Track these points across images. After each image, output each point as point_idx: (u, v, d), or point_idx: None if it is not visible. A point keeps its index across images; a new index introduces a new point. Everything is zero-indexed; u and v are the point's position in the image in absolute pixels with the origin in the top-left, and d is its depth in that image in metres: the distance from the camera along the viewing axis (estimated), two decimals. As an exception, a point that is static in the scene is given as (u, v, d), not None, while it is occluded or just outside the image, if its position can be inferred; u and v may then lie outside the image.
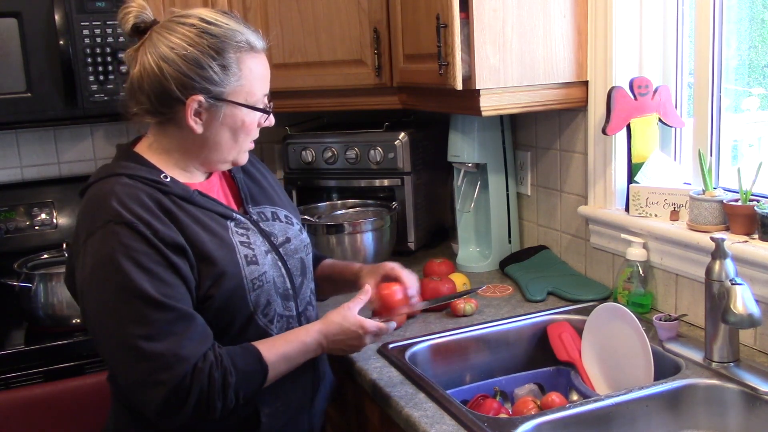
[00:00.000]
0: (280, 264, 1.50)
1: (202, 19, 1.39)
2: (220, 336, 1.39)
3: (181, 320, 1.31)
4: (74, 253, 1.38)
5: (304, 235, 1.63)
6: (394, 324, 1.55)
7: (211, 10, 1.46)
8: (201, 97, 1.38)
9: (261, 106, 1.46)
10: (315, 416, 1.61)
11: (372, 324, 1.49)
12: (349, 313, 1.49)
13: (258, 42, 1.44)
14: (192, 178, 1.48)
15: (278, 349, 1.41)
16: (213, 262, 1.37)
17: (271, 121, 1.51)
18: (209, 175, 1.53)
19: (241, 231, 1.47)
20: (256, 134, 1.51)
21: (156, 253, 1.31)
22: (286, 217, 1.60)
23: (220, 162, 1.49)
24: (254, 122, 1.46)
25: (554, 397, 1.61)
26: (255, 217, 1.53)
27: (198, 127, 1.40)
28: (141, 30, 1.42)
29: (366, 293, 1.56)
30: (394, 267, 1.65)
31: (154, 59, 1.37)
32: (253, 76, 1.43)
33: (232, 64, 1.39)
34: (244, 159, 1.52)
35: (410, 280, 1.64)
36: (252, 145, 1.52)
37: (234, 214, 1.48)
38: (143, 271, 1.29)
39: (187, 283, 1.34)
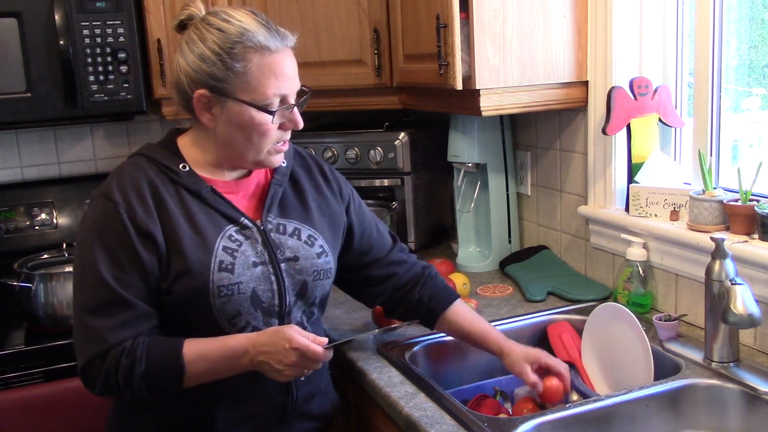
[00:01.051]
0: (273, 279, 1.47)
1: (220, 17, 1.42)
2: (175, 331, 1.42)
3: (118, 305, 1.37)
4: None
5: (323, 260, 1.54)
6: (330, 354, 1.43)
7: (236, 8, 1.46)
8: (205, 92, 1.40)
9: (275, 108, 1.42)
10: None
11: (302, 340, 1.37)
12: (287, 329, 1.40)
13: (273, 42, 1.40)
14: (220, 175, 1.50)
15: (201, 348, 1.39)
16: (183, 258, 1.39)
17: (296, 123, 1.46)
18: (247, 174, 1.53)
19: (236, 237, 1.45)
20: (281, 136, 1.46)
21: (124, 236, 1.37)
22: (309, 237, 1.54)
23: (241, 160, 1.48)
24: (266, 123, 1.42)
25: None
26: (270, 226, 1.50)
27: (209, 122, 1.44)
28: (185, 27, 1.46)
29: (537, 386, 1.53)
30: (545, 355, 1.58)
31: (178, 55, 1.45)
32: (262, 76, 1.40)
33: (237, 61, 1.38)
34: (270, 162, 1.48)
35: (566, 370, 1.57)
36: (282, 147, 1.48)
37: (241, 219, 1.47)
38: (105, 250, 1.37)
39: (146, 273, 1.38)
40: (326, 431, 1.68)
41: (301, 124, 1.47)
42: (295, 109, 1.46)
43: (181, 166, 1.46)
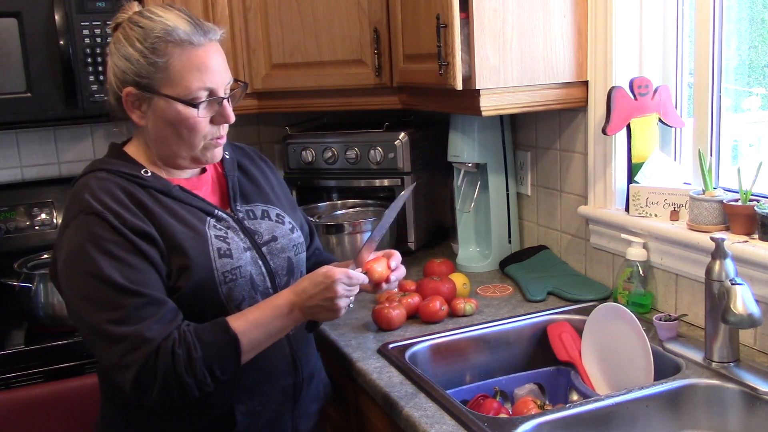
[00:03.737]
0: (260, 263, 1.51)
1: (143, 15, 1.43)
2: None
3: (151, 305, 1.34)
4: (55, 246, 1.43)
5: (296, 234, 1.61)
6: (365, 277, 1.45)
7: (162, 6, 1.46)
8: (132, 89, 1.41)
9: (201, 101, 1.41)
10: (301, 419, 1.60)
11: (340, 270, 1.41)
12: (320, 269, 1.43)
13: (195, 36, 1.40)
14: (178, 174, 1.51)
15: (247, 317, 1.40)
16: (183, 252, 1.40)
17: (226, 116, 1.46)
18: (203, 171, 1.56)
19: (219, 227, 1.48)
20: (213, 131, 1.46)
21: (124, 241, 1.35)
22: (277, 215, 1.60)
23: (177, 157, 1.48)
24: (193, 117, 1.42)
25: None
26: (241, 215, 1.54)
27: (139, 119, 1.45)
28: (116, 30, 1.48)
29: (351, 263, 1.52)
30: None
31: (108, 59, 1.46)
32: (185, 69, 1.40)
33: (159, 57, 1.39)
34: (209, 157, 1.49)
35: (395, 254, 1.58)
36: (218, 142, 1.48)
37: (215, 211, 1.50)
38: (112, 259, 1.33)
39: (158, 269, 1.38)
40: (323, 414, 1.71)
41: (232, 118, 1.47)
42: (225, 102, 1.45)
43: (143, 171, 1.45)
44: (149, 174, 1.45)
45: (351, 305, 1.46)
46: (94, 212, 1.35)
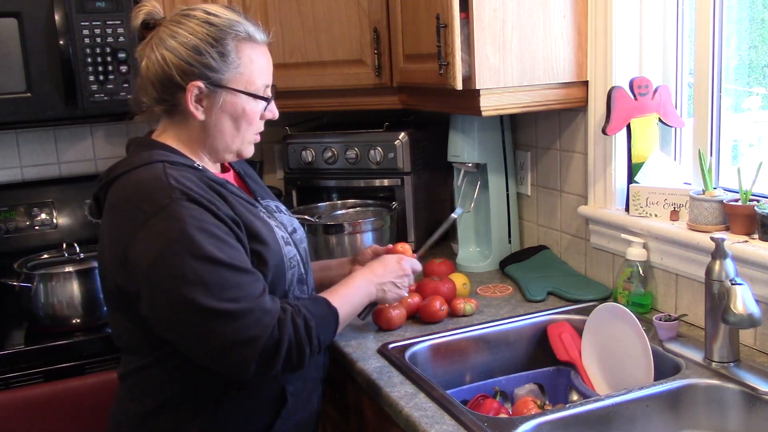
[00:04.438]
0: (294, 251, 1.57)
1: (205, 11, 1.46)
2: None
3: (260, 281, 1.39)
4: (123, 241, 1.35)
5: (302, 227, 1.71)
6: (420, 267, 1.75)
7: (214, 4, 1.53)
8: (200, 83, 1.43)
9: (262, 96, 1.50)
10: (320, 397, 1.68)
11: (404, 255, 1.70)
12: (387, 255, 1.69)
13: (258, 34, 1.49)
14: (213, 169, 1.54)
15: (338, 292, 1.54)
16: (261, 239, 1.45)
17: (274, 113, 1.55)
18: (224, 170, 1.60)
19: (268, 217, 1.55)
20: (260, 126, 1.54)
21: (224, 225, 1.37)
22: (286, 209, 1.69)
23: (225, 151, 1.52)
24: (255, 112, 1.49)
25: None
26: (267, 209, 1.60)
27: (200, 114, 1.45)
28: (150, 26, 1.48)
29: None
30: (379, 248, 1.83)
31: (159, 50, 1.44)
32: (252, 65, 1.47)
33: (231, 52, 1.44)
34: (249, 151, 1.55)
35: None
36: (257, 138, 1.55)
37: (257, 204, 1.55)
38: (218, 240, 1.34)
39: (247, 254, 1.42)
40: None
41: (277, 114, 1.56)
42: (273, 100, 1.54)
43: (196, 164, 1.47)
44: (201, 167, 1.47)
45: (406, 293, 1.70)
46: (192, 198, 1.35)
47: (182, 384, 1.44)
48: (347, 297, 1.55)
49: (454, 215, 1.89)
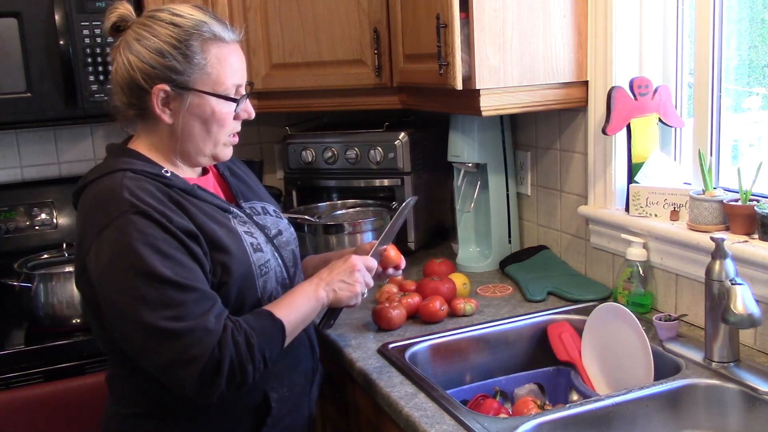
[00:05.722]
0: (276, 255, 1.55)
1: (171, 12, 1.44)
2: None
3: (206, 299, 1.35)
4: (84, 250, 1.37)
5: (292, 228, 1.68)
6: (375, 261, 1.62)
7: (184, 4, 1.48)
8: (166, 86, 1.41)
9: (232, 96, 1.45)
10: (312, 403, 1.66)
11: (356, 254, 1.59)
12: (336, 258, 1.60)
13: (226, 33, 1.45)
14: (186, 173, 1.51)
15: (283, 303, 1.47)
16: (224, 249, 1.42)
17: (249, 113, 1.51)
18: (204, 172, 1.58)
19: (241, 223, 1.51)
20: (235, 127, 1.51)
21: (173, 239, 1.34)
22: (274, 211, 1.66)
23: (198, 155, 1.49)
24: (225, 113, 1.45)
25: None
26: (248, 211, 1.57)
27: (167, 117, 1.43)
28: (120, 29, 1.46)
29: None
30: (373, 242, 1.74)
31: (125, 54, 1.42)
32: (220, 66, 1.43)
33: (196, 53, 1.41)
34: (225, 153, 1.52)
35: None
36: (234, 140, 1.52)
37: (231, 208, 1.52)
38: (163, 257, 1.32)
39: (204, 267, 1.39)
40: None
41: (253, 114, 1.52)
42: (247, 99, 1.50)
43: (163, 171, 1.44)
44: (169, 173, 1.45)
45: (365, 293, 1.59)
46: (141, 212, 1.33)
47: (160, 393, 1.41)
48: (293, 306, 1.47)
49: (410, 201, 1.78)
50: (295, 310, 1.47)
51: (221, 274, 1.41)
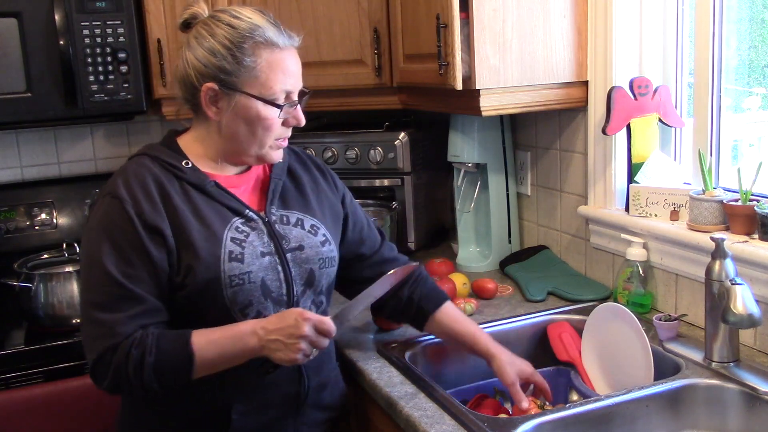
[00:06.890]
0: (280, 269, 1.49)
1: (230, 14, 1.47)
2: (191, 326, 1.41)
3: (132, 299, 1.38)
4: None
5: (327, 248, 1.57)
6: (334, 328, 1.40)
7: (246, 7, 1.52)
8: (214, 85, 1.44)
9: (281, 103, 1.47)
10: (306, 426, 1.59)
11: (312, 313, 1.39)
12: (294, 309, 1.43)
13: (281, 38, 1.46)
14: (221, 170, 1.53)
15: (210, 336, 1.39)
16: (193, 250, 1.41)
17: (298, 119, 1.52)
18: (247, 169, 1.57)
19: (243, 229, 1.48)
20: (284, 132, 1.52)
21: (132, 232, 1.38)
22: (312, 226, 1.57)
23: (243, 155, 1.51)
24: (272, 117, 1.47)
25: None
26: (274, 218, 1.53)
27: (214, 115, 1.47)
28: (190, 26, 1.50)
29: (521, 403, 1.52)
30: (534, 374, 1.62)
31: (186, 52, 1.48)
32: (270, 70, 1.45)
33: (247, 55, 1.43)
34: (272, 157, 1.53)
35: (547, 390, 1.62)
36: (283, 143, 1.53)
37: (246, 211, 1.50)
38: (113, 247, 1.38)
39: (155, 268, 1.39)
40: (338, 422, 1.70)
41: (303, 121, 1.53)
42: (298, 106, 1.51)
43: (183, 162, 1.48)
44: (189, 166, 1.48)
45: (312, 355, 1.40)
46: (117, 197, 1.40)
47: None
48: (218, 343, 1.38)
49: (396, 272, 1.54)
50: (216, 347, 1.38)
51: (185, 275, 1.41)
